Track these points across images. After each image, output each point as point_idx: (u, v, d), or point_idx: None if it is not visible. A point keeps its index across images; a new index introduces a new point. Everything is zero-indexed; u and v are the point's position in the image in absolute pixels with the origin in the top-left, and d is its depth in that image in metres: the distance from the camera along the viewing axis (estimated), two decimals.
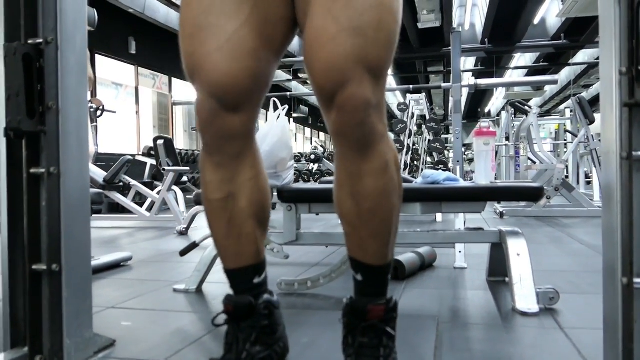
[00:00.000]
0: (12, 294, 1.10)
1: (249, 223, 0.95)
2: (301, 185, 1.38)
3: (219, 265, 2.11)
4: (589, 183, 7.71)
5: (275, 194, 1.85)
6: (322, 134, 21.81)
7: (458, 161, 2.35)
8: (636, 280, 0.81)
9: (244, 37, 0.85)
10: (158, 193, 4.98)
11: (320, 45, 0.80)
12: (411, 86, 4.44)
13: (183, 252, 2.09)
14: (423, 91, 6.76)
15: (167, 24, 8.43)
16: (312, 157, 5.28)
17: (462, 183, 1.79)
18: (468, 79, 2.39)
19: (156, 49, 8.87)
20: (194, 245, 2.09)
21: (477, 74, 11.46)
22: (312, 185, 1.99)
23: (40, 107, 1.07)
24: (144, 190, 4.97)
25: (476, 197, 1.70)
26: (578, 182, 7.29)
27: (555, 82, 2.92)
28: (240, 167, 0.93)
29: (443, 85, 2.80)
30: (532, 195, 1.72)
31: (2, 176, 1.10)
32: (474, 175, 1.86)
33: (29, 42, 1.07)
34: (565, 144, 9.63)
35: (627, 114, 0.80)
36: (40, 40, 1.07)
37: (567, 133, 8.03)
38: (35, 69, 1.06)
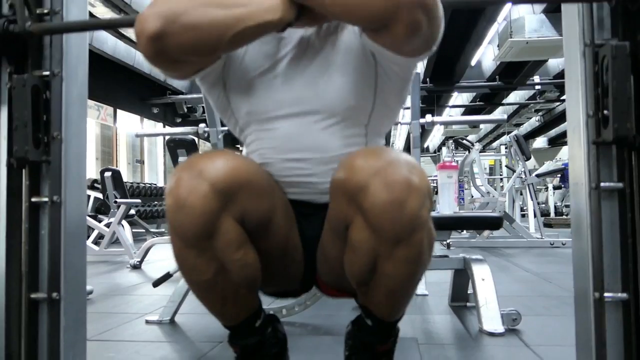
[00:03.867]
0: (8, 325, 1.09)
1: (242, 290, 0.90)
2: None
3: (192, 295, 2.12)
4: (523, 216, 8.16)
5: None
6: None
7: None
8: (606, 294, 0.93)
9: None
10: (106, 226, 4.86)
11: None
12: None
13: (156, 283, 2.08)
14: None
15: (115, 55, 8.33)
16: None
17: None
18: (426, 116, 2.57)
19: (102, 80, 8.72)
20: (167, 276, 2.08)
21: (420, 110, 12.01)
22: None
23: (45, 138, 1.09)
24: (94, 223, 4.83)
25: (443, 226, 1.83)
26: (513, 214, 7.71)
27: (504, 121, 3.15)
28: (223, 248, 0.86)
29: (402, 122, 2.97)
30: (493, 223, 1.86)
31: (1, 206, 1.10)
32: (438, 205, 1.99)
33: (36, 74, 1.10)
34: (501, 179, 10.18)
35: (594, 150, 0.93)
36: (47, 73, 1.10)
37: (506, 168, 8.50)
38: (42, 101, 1.08)
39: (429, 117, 2.56)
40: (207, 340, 1.62)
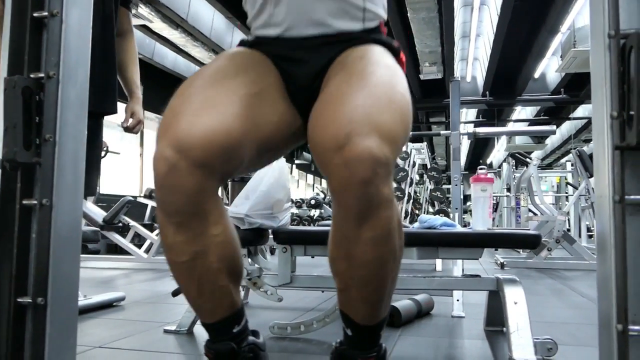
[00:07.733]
0: None
1: (220, 277, 0.89)
2: (297, 227, 1.38)
3: None
4: (591, 237, 7.66)
5: (271, 235, 1.84)
6: (324, 181, 21.87)
7: (457, 208, 2.34)
8: (631, 327, 0.79)
9: (232, 115, 0.85)
10: (157, 235, 4.96)
11: (328, 108, 0.81)
12: (410, 133, 4.46)
13: (175, 293, 2.06)
14: (424, 140, 6.84)
15: (175, 69, 8.63)
16: (312, 202, 5.28)
17: (459, 228, 1.77)
18: (468, 129, 2.42)
19: (163, 93, 8.98)
20: None
21: (478, 126, 11.59)
22: (308, 227, 1.99)
23: (37, 139, 1.07)
24: (143, 231, 4.95)
25: (473, 242, 1.68)
26: (580, 235, 7.23)
27: (552, 133, 2.94)
28: (203, 224, 0.86)
29: (442, 132, 2.82)
30: (529, 242, 1.70)
31: None
32: (471, 221, 1.85)
33: (31, 76, 1.09)
34: (567, 197, 9.63)
35: (618, 156, 0.80)
36: (42, 75, 1.09)
37: (569, 186, 8.04)
38: (34, 102, 1.07)
39: (470, 128, 2.40)
40: None
